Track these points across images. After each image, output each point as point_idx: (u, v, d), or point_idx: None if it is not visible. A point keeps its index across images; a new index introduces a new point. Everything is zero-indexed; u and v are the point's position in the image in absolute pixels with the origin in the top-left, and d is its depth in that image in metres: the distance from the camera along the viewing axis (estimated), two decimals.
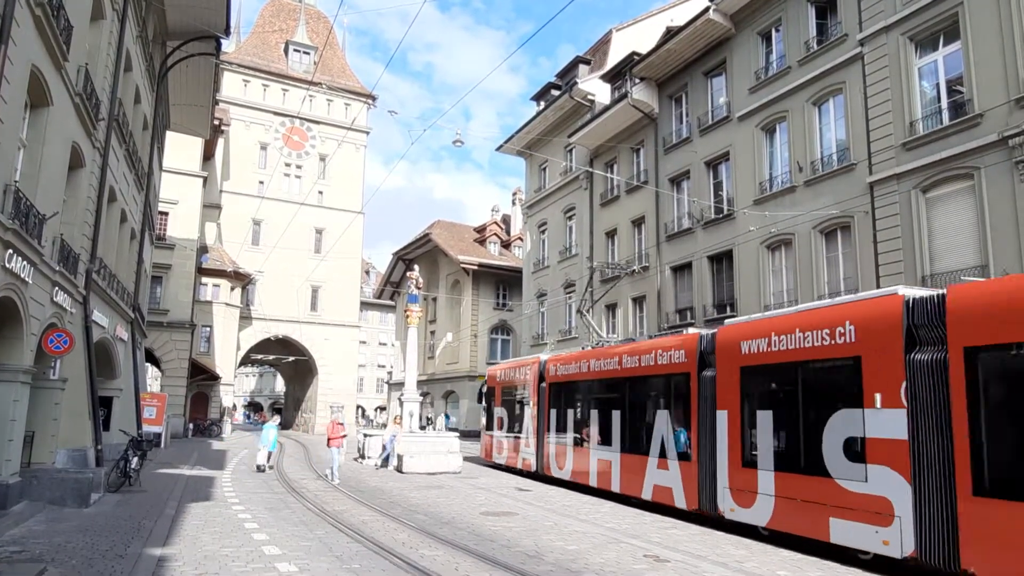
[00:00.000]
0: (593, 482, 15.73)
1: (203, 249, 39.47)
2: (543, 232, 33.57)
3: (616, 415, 14.97)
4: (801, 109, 18.96)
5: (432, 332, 45.31)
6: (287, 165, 46.74)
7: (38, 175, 11.00)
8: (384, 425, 39.34)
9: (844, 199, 17.22)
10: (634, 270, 24.72)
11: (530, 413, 19.25)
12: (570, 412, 17.15)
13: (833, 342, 9.51)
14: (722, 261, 21.66)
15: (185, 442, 31.85)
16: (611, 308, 27.08)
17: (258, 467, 19.22)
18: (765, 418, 10.71)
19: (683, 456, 12.59)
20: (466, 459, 22.33)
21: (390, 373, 59.03)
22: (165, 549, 8.65)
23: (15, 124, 9.95)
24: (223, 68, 37.74)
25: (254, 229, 43.83)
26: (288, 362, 50.18)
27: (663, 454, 13.11)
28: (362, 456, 23.02)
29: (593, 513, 12.96)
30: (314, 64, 47.38)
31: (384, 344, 75.87)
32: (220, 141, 41.69)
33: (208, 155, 39.65)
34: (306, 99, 44.43)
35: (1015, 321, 7.28)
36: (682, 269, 23.38)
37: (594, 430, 15.83)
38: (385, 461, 21.05)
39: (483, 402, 23.25)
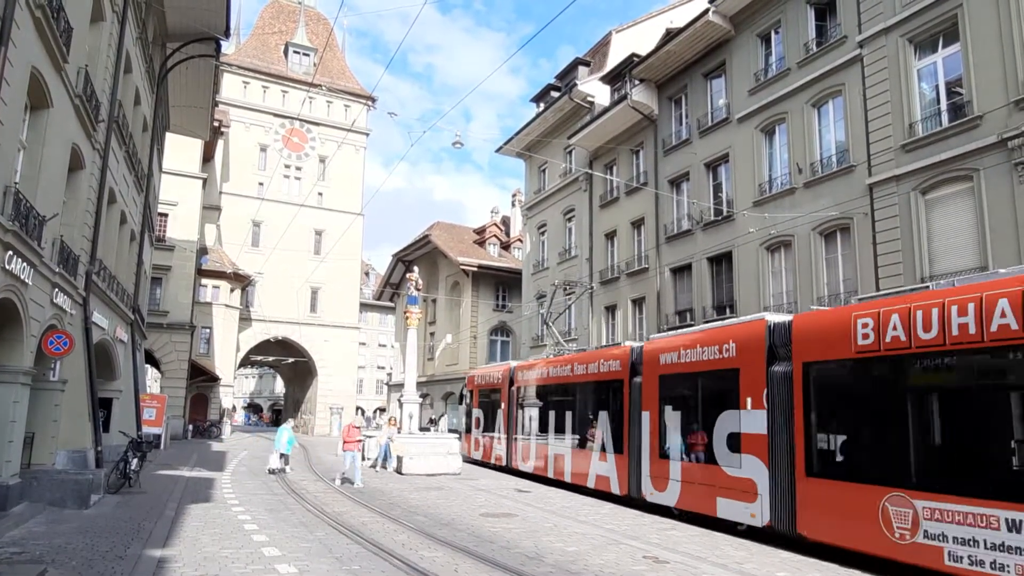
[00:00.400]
0: (551, 474, 17.82)
1: (203, 250, 39.47)
2: (543, 234, 33.58)
3: (569, 415, 17.30)
4: (800, 111, 18.97)
5: (432, 333, 45.29)
6: (287, 167, 46.77)
7: (38, 177, 11.01)
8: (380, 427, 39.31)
9: (843, 201, 17.23)
10: (591, 287, 27.28)
11: (501, 414, 21.49)
12: (533, 412, 19.32)
13: (721, 356, 11.73)
14: (721, 263, 21.67)
15: (185, 443, 31.85)
16: (610, 310, 27.09)
17: (270, 470, 18.99)
18: (675, 417, 12.99)
19: (618, 450, 14.77)
20: (465, 460, 22.36)
21: (390, 374, 59.01)
22: (165, 550, 8.66)
23: (15, 126, 9.96)
24: (223, 70, 37.76)
25: (254, 231, 43.86)
26: (288, 363, 50.18)
27: (603, 448, 15.36)
28: (362, 458, 22.99)
29: (593, 515, 12.97)
30: (314, 66, 47.42)
31: (384, 345, 75.90)
32: (220, 143, 41.71)
33: (208, 157, 39.66)
34: (306, 101, 44.48)
35: (829, 343, 9.57)
36: (682, 271, 23.38)
37: (552, 428, 18.09)
38: (384, 463, 21.00)
39: (463, 404, 25.57)
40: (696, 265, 22.46)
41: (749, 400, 10.92)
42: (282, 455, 19.39)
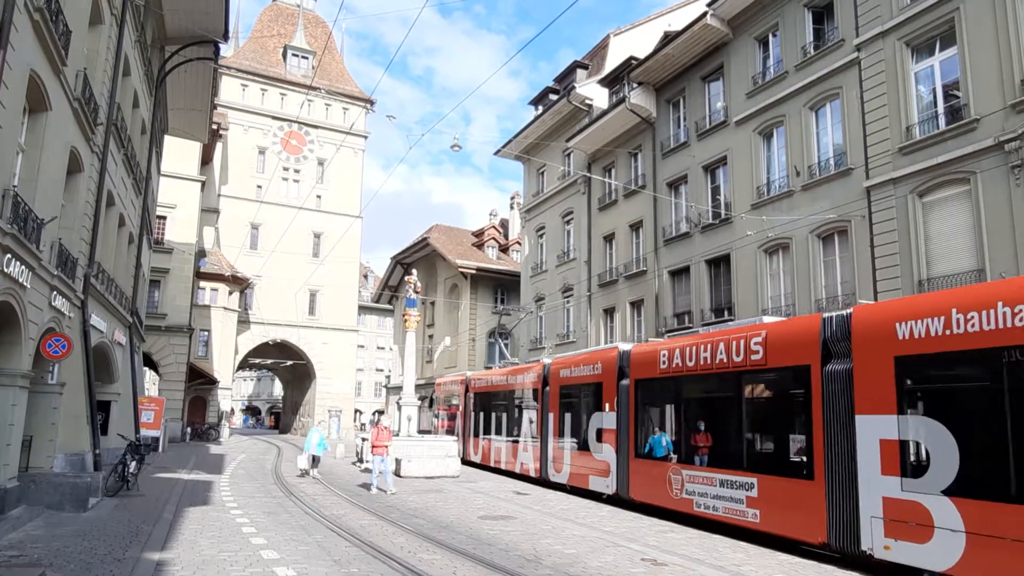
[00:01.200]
0: (492, 463, 21.78)
1: (201, 253, 39.43)
2: (541, 236, 33.59)
3: (505, 416, 21.50)
4: (798, 114, 19.01)
5: (430, 336, 45.29)
6: (285, 169, 46.78)
7: (36, 180, 11.01)
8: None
9: (841, 203, 17.26)
10: (531, 311, 32.30)
11: (459, 415, 25.35)
12: (482, 414, 23.38)
13: (593, 373, 16.00)
14: (720, 265, 21.69)
15: (183, 446, 31.81)
16: (609, 312, 27.10)
17: (301, 471, 19.42)
18: (568, 418, 17.31)
19: (534, 443, 18.89)
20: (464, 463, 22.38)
21: (388, 377, 59.00)
22: (163, 553, 8.65)
23: (14, 129, 9.97)
24: (221, 72, 37.84)
25: (252, 233, 43.84)
26: (286, 366, 50.15)
27: (525, 441, 19.56)
28: (360, 460, 22.99)
29: (591, 517, 12.97)
30: (312, 69, 47.45)
31: (382, 348, 75.83)
32: (218, 145, 41.69)
33: (206, 159, 39.64)
34: (304, 103, 44.49)
35: (648, 366, 13.88)
36: (680, 273, 23.40)
37: (493, 426, 22.30)
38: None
39: (432, 407, 29.56)
40: (694, 268, 22.48)
41: (607, 405, 15.12)
42: (313, 457, 19.60)
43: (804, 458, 9.99)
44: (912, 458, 8.51)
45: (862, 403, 9.02)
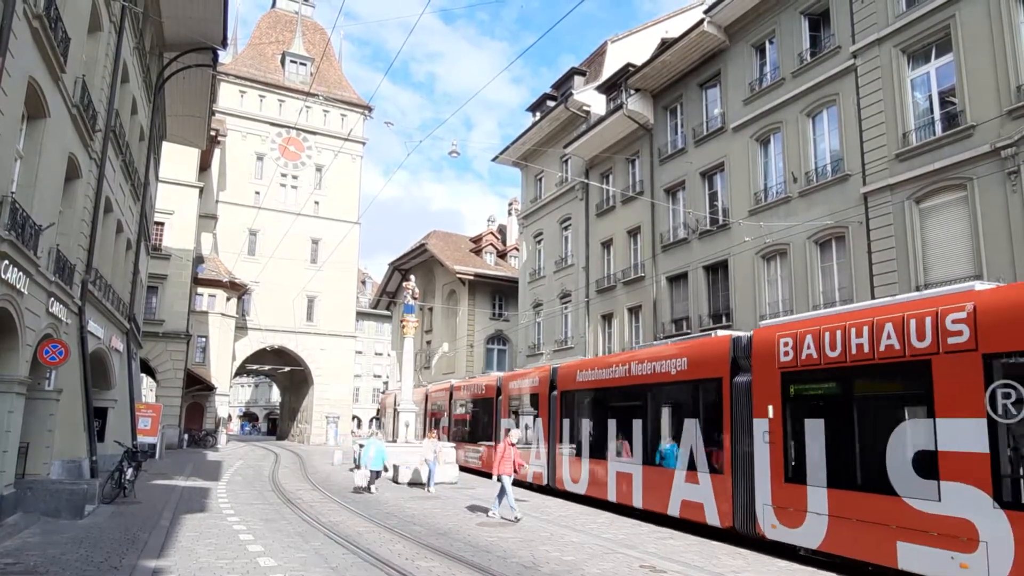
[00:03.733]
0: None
1: (199, 259, 39.40)
2: (539, 242, 33.61)
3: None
4: (795, 120, 19.08)
5: (428, 342, 45.27)
6: (283, 175, 46.82)
7: (35, 186, 11.01)
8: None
9: (838, 209, 17.31)
10: (445, 352, 40.34)
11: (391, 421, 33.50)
12: (389, 422, 32.62)
13: (485, 390, 23.32)
14: (718, 271, 21.73)
15: (180, 453, 31.71)
16: (607, 318, 27.11)
17: (356, 488, 17.53)
18: (431, 421, 28.31)
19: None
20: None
21: (386, 383, 58.90)
22: (160, 561, 8.62)
23: (12, 135, 9.97)
24: (220, 79, 37.87)
25: (250, 239, 43.82)
26: (284, 372, 50.07)
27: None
28: (357, 466, 22.88)
29: (589, 524, 12.94)
30: (311, 75, 47.54)
31: (380, 354, 75.78)
32: (216, 152, 41.73)
33: (204, 166, 39.67)
34: (302, 110, 44.56)
35: (446, 392, 27.12)
36: (678, 279, 23.42)
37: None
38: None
39: (379, 416, 39.29)
40: (692, 274, 22.51)
41: (445, 414, 26.70)
42: (372, 471, 17.46)
43: (491, 434, 21.13)
44: (522, 434, 17.54)
45: (503, 413, 20.66)
